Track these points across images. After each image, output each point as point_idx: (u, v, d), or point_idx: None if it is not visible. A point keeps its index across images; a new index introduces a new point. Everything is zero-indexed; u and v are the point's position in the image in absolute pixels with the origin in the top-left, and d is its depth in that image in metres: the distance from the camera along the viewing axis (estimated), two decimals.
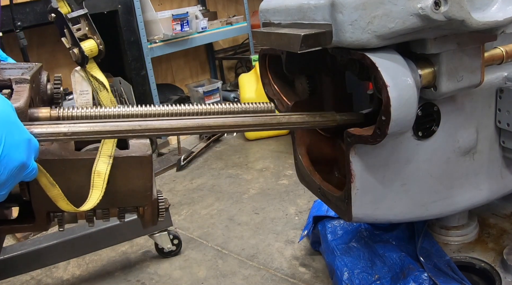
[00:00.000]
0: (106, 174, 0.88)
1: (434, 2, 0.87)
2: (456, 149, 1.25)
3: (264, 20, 1.27)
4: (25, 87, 0.83)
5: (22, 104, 0.79)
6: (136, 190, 0.95)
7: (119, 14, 3.42)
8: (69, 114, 0.88)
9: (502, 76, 1.25)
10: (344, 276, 1.56)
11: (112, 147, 0.91)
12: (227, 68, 5.23)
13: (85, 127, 0.81)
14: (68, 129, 0.80)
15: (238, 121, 0.96)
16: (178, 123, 0.89)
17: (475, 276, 1.50)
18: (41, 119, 0.85)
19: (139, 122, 0.85)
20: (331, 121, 1.11)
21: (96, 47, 0.99)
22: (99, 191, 0.88)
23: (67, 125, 0.80)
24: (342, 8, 0.93)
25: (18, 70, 0.90)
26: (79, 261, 2.22)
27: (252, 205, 2.60)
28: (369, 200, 1.18)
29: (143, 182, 0.94)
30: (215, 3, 4.98)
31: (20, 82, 0.83)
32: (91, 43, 0.98)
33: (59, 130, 0.79)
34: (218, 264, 2.08)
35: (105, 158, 0.89)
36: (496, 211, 1.71)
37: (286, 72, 1.30)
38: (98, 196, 0.88)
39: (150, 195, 0.96)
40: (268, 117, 1.01)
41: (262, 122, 0.99)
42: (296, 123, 1.06)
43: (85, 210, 0.87)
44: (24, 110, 0.79)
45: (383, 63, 0.94)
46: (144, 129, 0.85)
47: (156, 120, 0.87)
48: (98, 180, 0.88)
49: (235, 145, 3.63)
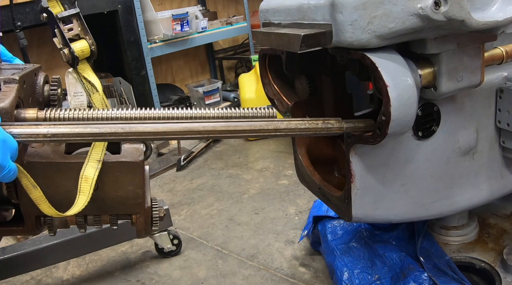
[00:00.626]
0: (93, 179, 0.86)
1: (434, 2, 0.87)
2: (456, 149, 1.25)
3: (264, 20, 1.27)
4: (12, 87, 0.82)
5: (7, 104, 0.78)
6: (126, 197, 0.91)
7: (119, 14, 3.42)
8: (56, 116, 0.85)
9: (502, 76, 1.25)
10: (344, 276, 1.56)
11: (102, 151, 0.88)
12: (227, 68, 5.23)
13: (65, 128, 0.78)
14: (47, 131, 0.77)
15: (230, 126, 0.89)
16: (164, 127, 0.84)
17: (475, 276, 1.50)
18: (27, 120, 0.83)
19: (122, 125, 0.81)
20: (336, 129, 1.01)
21: (88, 48, 0.95)
22: (85, 196, 0.85)
23: (47, 126, 0.78)
24: (342, 8, 0.93)
25: (13, 70, 0.89)
26: (79, 261, 2.22)
27: (252, 205, 2.60)
28: (369, 200, 1.18)
29: (133, 188, 0.91)
30: (215, 3, 4.98)
31: (9, 82, 0.82)
32: (83, 43, 0.95)
33: (39, 131, 0.77)
34: (218, 264, 2.08)
35: (93, 163, 0.87)
36: (496, 211, 1.71)
37: (286, 72, 1.29)
38: (84, 201, 0.85)
39: (142, 203, 0.93)
40: (265, 122, 0.93)
41: (258, 127, 0.91)
42: (295, 130, 0.97)
43: (68, 216, 0.84)
44: (9, 110, 0.78)
45: (383, 63, 0.94)
46: (127, 132, 0.81)
47: (140, 124, 0.83)
48: (86, 185, 0.85)
49: (235, 145, 3.63)
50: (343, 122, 1.02)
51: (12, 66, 0.95)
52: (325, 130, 1.00)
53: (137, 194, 0.92)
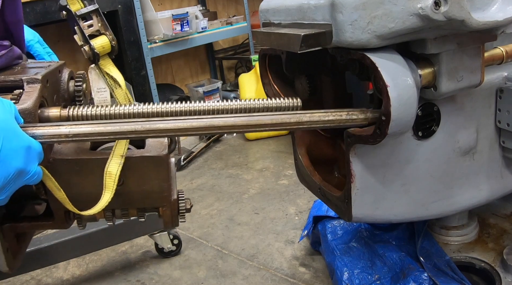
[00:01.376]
0: (116, 175, 0.86)
1: (434, 2, 0.87)
2: (456, 149, 1.25)
3: (264, 20, 1.27)
4: (35, 87, 0.82)
5: (30, 105, 0.78)
6: (152, 191, 0.91)
7: (119, 14, 3.42)
8: (79, 113, 0.86)
9: (502, 76, 1.25)
10: (344, 276, 1.56)
11: (125, 146, 0.88)
12: (227, 68, 5.23)
13: (86, 128, 0.79)
14: (69, 131, 0.78)
15: (251, 121, 0.87)
16: (184, 124, 0.84)
17: (475, 276, 1.50)
18: (51, 118, 0.84)
19: (142, 123, 0.82)
20: (360, 120, 0.97)
21: (108, 44, 0.95)
22: (109, 193, 0.85)
23: (68, 126, 0.79)
24: (342, 8, 0.93)
25: (37, 69, 0.89)
26: (79, 261, 2.22)
27: (252, 205, 2.60)
28: (369, 200, 1.18)
29: (158, 182, 0.91)
30: (215, 3, 4.98)
31: (32, 82, 0.83)
32: (103, 39, 0.95)
33: (61, 132, 0.78)
34: (218, 264, 2.08)
35: (117, 159, 0.87)
36: (496, 211, 1.71)
37: (286, 72, 1.29)
38: (108, 198, 0.85)
39: (168, 196, 0.93)
40: (287, 115, 0.90)
41: (280, 121, 0.89)
42: (319, 122, 0.93)
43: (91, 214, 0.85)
44: (32, 111, 0.79)
45: (383, 63, 0.94)
46: (148, 130, 0.82)
47: (161, 121, 0.84)
48: (109, 181, 0.86)
49: (235, 145, 3.63)
50: (368, 112, 0.97)
51: (37, 63, 0.95)
52: (349, 121, 0.96)
53: (163, 188, 0.92)
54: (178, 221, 0.99)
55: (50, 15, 2.90)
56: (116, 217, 0.96)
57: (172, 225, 0.98)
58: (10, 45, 0.94)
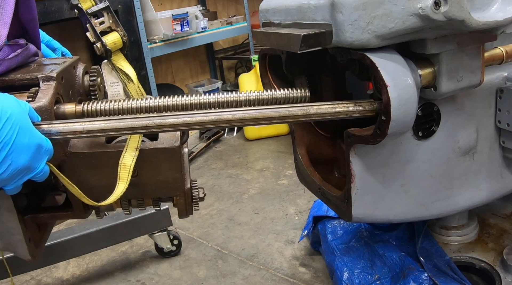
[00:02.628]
0: (131, 166, 0.89)
1: (434, 2, 0.87)
2: (456, 149, 1.25)
3: (264, 20, 1.27)
4: (50, 85, 0.85)
5: (46, 103, 0.81)
6: (165, 181, 0.95)
7: (119, 14, 3.41)
8: (94, 108, 0.89)
9: (502, 76, 1.25)
10: (344, 276, 1.56)
11: (139, 139, 0.91)
12: (227, 68, 5.23)
13: (99, 124, 0.82)
14: (83, 127, 0.81)
15: (259, 114, 0.89)
16: (193, 118, 0.87)
17: (475, 276, 1.50)
18: (67, 114, 0.87)
19: (153, 118, 0.85)
20: (368, 112, 0.97)
21: (120, 40, 0.99)
22: (124, 184, 0.89)
23: (82, 123, 0.82)
24: (342, 8, 0.93)
25: (52, 66, 0.92)
26: (79, 261, 2.22)
27: (252, 205, 2.60)
28: (369, 200, 1.18)
29: (171, 173, 0.94)
30: (215, 3, 4.98)
31: (47, 80, 0.86)
32: (114, 36, 0.99)
33: (75, 128, 0.81)
34: (218, 264, 2.08)
35: (131, 151, 0.90)
36: (496, 211, 1.71)
37: (286, 72, 1.29)
38: (122, 189, 0.88)
39: (181, 185, 0.97)
40: (294, 108, 0.91)
41: (287, 114, 0.90)
42: (326, 114, 0.93)
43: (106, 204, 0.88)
44: (48, 108, 0.81)
45: (383, 63, 0.94)
46: (158, 125, 0.85)
47: (171, 116, 0.87)
48: (124, 173, 0.89)
49: (235, 145, 3.63)
50: (376, 103, 0.97)
51: (51, 60, 0.97)
52: (357, 112, 0.96)
53: (176, 178, 0.95)
54: (192, 210, 1.02)
55: (50, 15, 2.90)
56: (132, 206, 1.00)
57: (186, 213, 1.02)
58: (25, 43, 0.96)
